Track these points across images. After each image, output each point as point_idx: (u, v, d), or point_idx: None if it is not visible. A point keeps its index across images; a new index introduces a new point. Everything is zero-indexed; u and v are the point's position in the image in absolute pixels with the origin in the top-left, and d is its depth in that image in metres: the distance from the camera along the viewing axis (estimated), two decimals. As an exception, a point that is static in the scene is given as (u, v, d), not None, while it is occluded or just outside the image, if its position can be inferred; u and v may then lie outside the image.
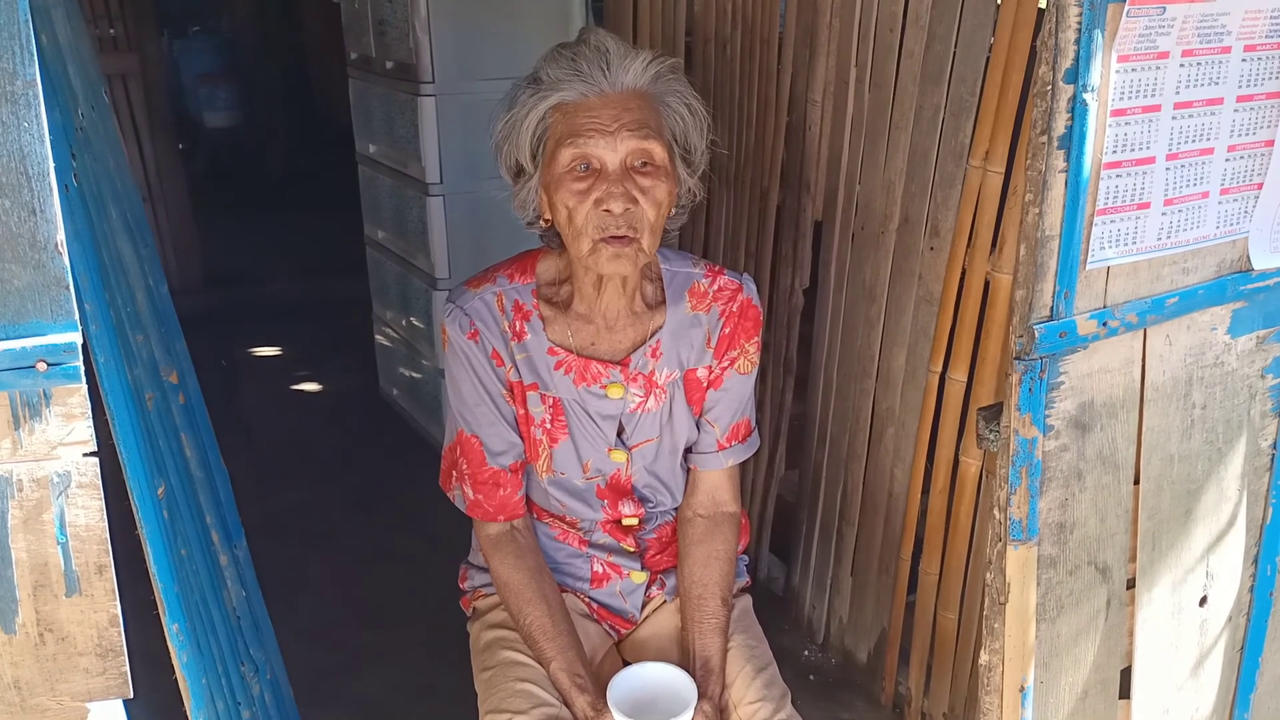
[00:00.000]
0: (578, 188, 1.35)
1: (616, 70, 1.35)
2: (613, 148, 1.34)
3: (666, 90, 1.40)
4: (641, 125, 1.35)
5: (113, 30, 4.41)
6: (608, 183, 1.34)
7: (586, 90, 1.35)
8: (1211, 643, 1.51)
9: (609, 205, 1.34)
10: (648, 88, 1.38)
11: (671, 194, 1.39)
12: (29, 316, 0.90)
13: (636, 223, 1.35)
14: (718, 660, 1.47)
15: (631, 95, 1.36)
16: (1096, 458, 1.30)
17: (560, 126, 1.36)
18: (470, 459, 1.51)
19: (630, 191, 1.34)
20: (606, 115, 1.34)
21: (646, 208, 1.36)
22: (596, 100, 1.35)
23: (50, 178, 0.87)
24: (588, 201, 1.35)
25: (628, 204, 1.34)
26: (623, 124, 1.34)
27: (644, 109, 1.36)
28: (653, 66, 1.37)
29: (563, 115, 1.36)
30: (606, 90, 1.35)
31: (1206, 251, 1.31)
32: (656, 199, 1.36)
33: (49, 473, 0.94)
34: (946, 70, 1.85)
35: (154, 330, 1.47)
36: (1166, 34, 1.15)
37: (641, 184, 1.35)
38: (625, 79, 1.36)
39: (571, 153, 1.34)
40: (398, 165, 3.31)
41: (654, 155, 1.36)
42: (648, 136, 1.35)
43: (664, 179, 1.37)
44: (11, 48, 0.84)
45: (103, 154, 1.41)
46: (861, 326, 2.15)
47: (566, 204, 1.36)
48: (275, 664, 1.75)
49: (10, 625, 0.97)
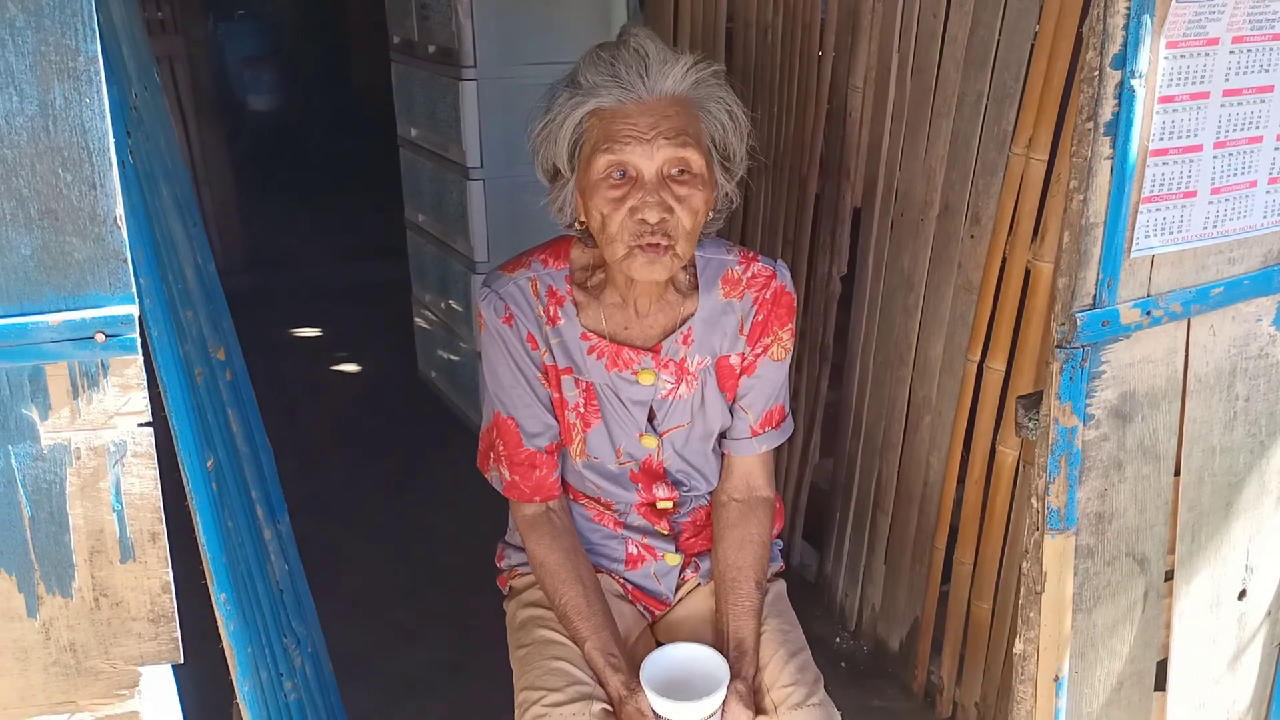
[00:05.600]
0: (613, 195, 1.35)
1: (655, 76, 1.34)
2: (649, 156, 1.33)
3: (707, 96, 1.38)
4: (679, 133, 1.34)
5: (160, 13, 4.48)
6: (643, 191, 1.34)
7: (624, 96, 1.34)
8: (1250, 636, 1.50)
9: (644, 214, 1.33)
10: (688, 93, 1.36)
11: (708, 202, 1.38)
12: (88, 289, 0.92)
13: (672, 231, 1.35)
14: (751, 642, 1.48)
15: (670, 101, 1.35)
16: (1137, 448, 1.29)
17: (597, 132, 1.35)
18: (507, 441, 1.53)
19: (666, 200, 1.34)
20: (644, 123, 1.33)
21: (683, 216, 1.35)
22: (634, 107, 1.34)
23: (110, 153, 0.89)
24: (623, 209, 1.34)
25: (663, 213, 1.34)
26: (660, 132, 1.33)
27: (682, 116, 1.35)
28: (693, 72, 1.36)
29: (600, 121, 1.35)
30: (644, 96, 1.34)
31: (1253, 241, 1.30)
32: (693, 207, 1.36)
33: (105, 441, 0.96)
34: (990, 56, 1.84)
35: (203, 307, 1.50)
36: (1217, 20, 1.14)
37: (678, 192, 1.35)
38: (664, 85, 1.34)
39: (607, 159, 1.34)
40: (438, 149, 3.33)
41: (691, 164, 1.35)
42: (685, 145, 1.34)
43: (701, 187, 1.36)
44: (75, 24, 0.86)
45: (155, 133, 1.44)
46: (899, 314, 2.14)
47: (601, 210, 1.36)
48: (316, 639, 1.78)
49: (67, 589, 1.00)
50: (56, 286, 0.92)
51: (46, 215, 0.90)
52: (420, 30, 3.28)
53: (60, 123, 0.88)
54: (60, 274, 0.91)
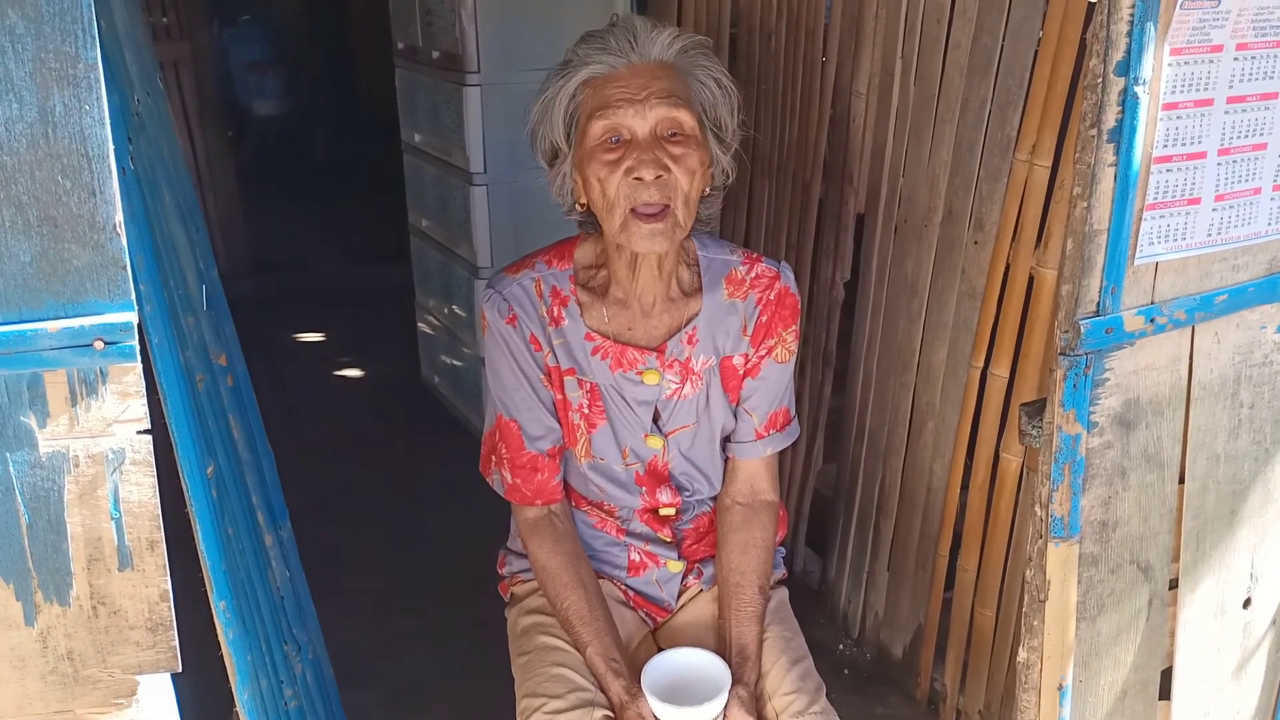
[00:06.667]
0: (609, 158, 1.36)
1: (644, 42, 1.37)
2: (642, 115, 1.35)
3: (694, 64, 1.41)
4: (670, 94, 1.36)
5: (165, 19, 4.48)
6: (638, 150, 1.35)
7: (614, 62, 1.37)
8: (1255, 645, 1.49)
9: (640, 173, 1.34)
10: (675, 60, 1.40)
11: (704, 164, 1.39)
12: (87, 296, 0.92)
13: (669, 191, 1.36)
14: (754, 648, 1.47)
15: (659, 65, 1.38)
16: (1141, 456, 1.28)
17: (591, 101, 1.38)
18: (509, 443, 1.52)
19: (661, 159, 1.35)
20: (635, 84, 1.36)
21: (679, 175, 1.36)
22: (625, 70, 1.37)
23: (110, 160, 0.89)
24: (619, 171, 1.35)
25: (659, 170, 1.35)
26: (651, 92, 1.35)
27: (672, 79, 1.38)
28: (679, 40, 1.39)
29: (593, 90, 1.38)
30: (635, 60, 1.37)
31: (1258, 248, 1.29)
32: (689, 167, 1.37)
33: (104, 449, 0.96)
34: (994, 62, 1.84)
35: (204, 313, 1.50)
36: (1221, 27, 1.13)
37: (672, 152, 1.36)
38: (653, 50, 1.38)
39: (602, 125, 1.36)
40: (442, 154, 3.33)
41: (684, 124, 1.37)
42: (677, 105, 1.36)
43: (695, 148, 1.38)
44: (74, 31, 0.86)
45: (157, 139, 1.44)
46: (902, 320, 2.14)
47: (598, 175, 1.37)
48: (317, 644, 1.77)
49: (65, 598, 0.99)
50: (55, 293, 0.91)
51: (46, 222, 0.90)
52: (424, 36, 3.28)
53: (60, 130, 0.88)
54: (59, 281, 0.91)
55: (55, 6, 0.86)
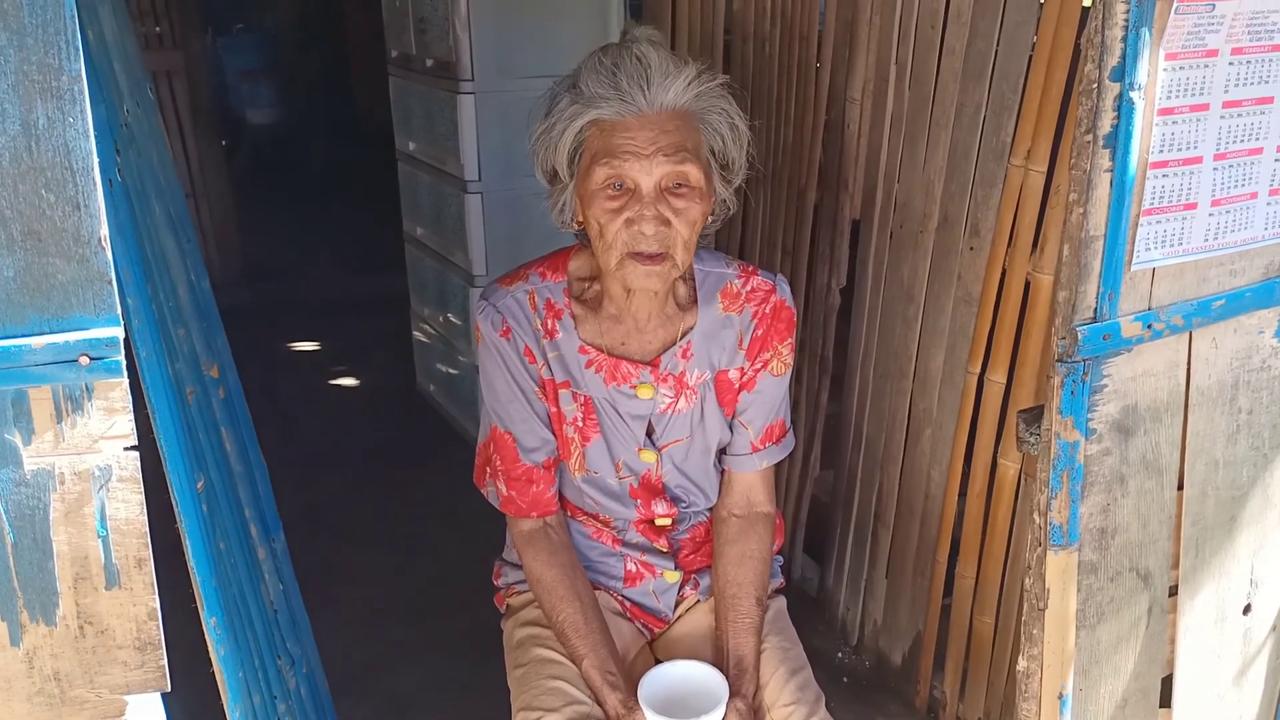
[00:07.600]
0: (610, 205, 1.34)
1: (657, 89, 1.32)
2: (647, 171, 1.32)
3: (709, 108, 1.37)
4: (678, 149, 1.33)
5: (158, 28, 4.47)
6: (640, 204, 1.33)
7: (624, 110, 1.33)
8: (1255, 651, 1.48)
9: (640, 227, 1.33)
10: (689, 105, 1.35)
11: (705, 214, 1.38)
12: (72, 311, 0.91)
13: (669, 242, 1.35)
14: (751, 659, 1.46)
15: (670, 115, 1.34)
16: (1139, 462, 1.27)
17: (597, 143, 1.35)
18: (504, 455, 1.51)
19: (663, 214, 1.33)
20: (643, 138, 1.32)
21: (679, 227, 1.35)
22: (634, 120, 1.33)
23: (94, 173, 0.88)
24: (619, 219, 1.34)
25: (659, 225, 1.33)
26: (659, 148, 1.32)
27: (682, 130, 1.34)
28: (695, 85, 1.35)
29: (599, 131, 1.35)
30: (645, 109, 1.33)
31: (1254, 253, 1.29)
32: (690, 219, 1.35)
33: (90, 466, 0.95)
34: (989, 67, 1.83)
35: (195, 325, 1.49)
36: (1216, 31, 1.12)
37: (675, 205, 1.34)
38: (665, 98, 1.33)
39: (606, 172, 1.33)
40: (436, 163, 3.32)
41: (690, 178, 1.34)
42: (684, 160, 1.33)
43: (698, 200, 1.36)
44: (57, 43, 0.85)
45: (146, 149, 1.43)
46: (899, 326, 2.13)
47: (599, 219, 1.35)
48: (311, 658, 1.76)
49: (51, 617, 0.98)
50: (40, 309, 0.90)
51: (29, 236, 0.89)
52: (418, 44, 3.28)
53: (43, 143, 0.87)
54: (44, 296, 0.90)
55: (38, 18, 0.85)
